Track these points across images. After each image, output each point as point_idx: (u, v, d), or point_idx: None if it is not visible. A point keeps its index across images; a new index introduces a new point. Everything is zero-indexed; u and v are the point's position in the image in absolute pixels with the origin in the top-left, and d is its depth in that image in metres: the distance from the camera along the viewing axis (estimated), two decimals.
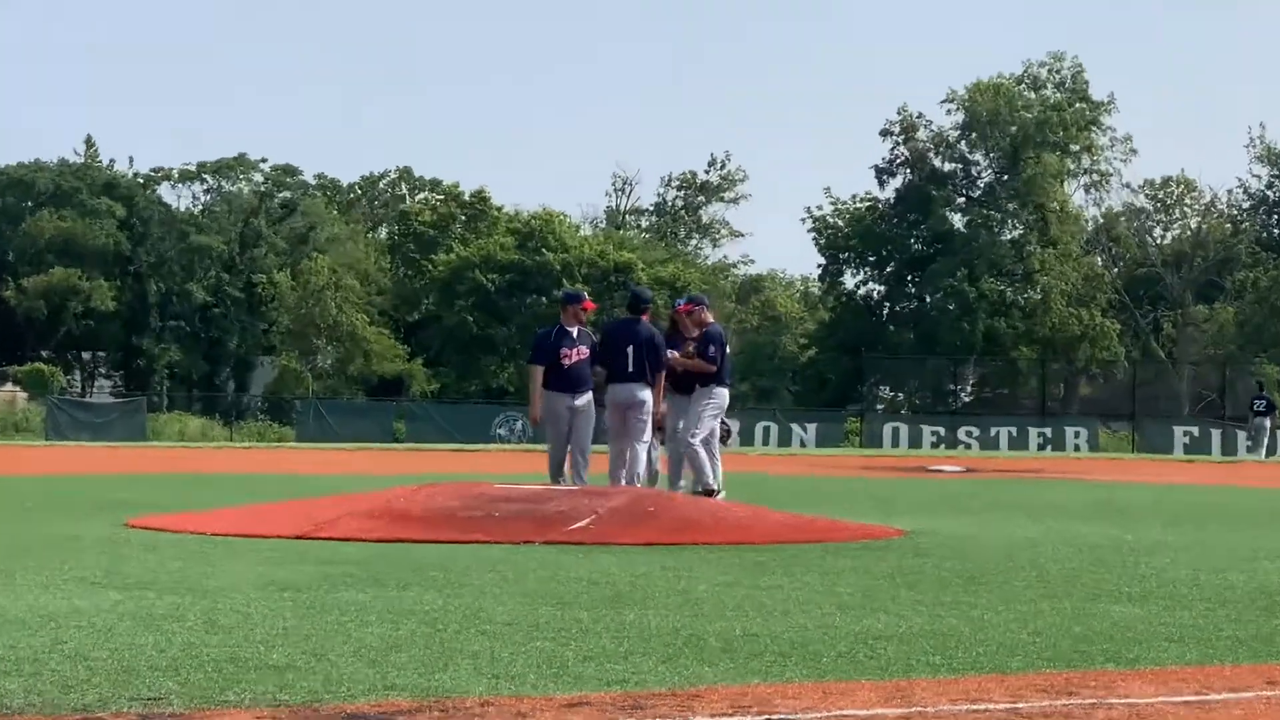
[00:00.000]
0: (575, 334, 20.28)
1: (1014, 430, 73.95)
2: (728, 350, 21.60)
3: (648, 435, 20.34)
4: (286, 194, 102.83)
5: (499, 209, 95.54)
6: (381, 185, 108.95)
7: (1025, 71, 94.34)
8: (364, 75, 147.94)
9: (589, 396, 20.22)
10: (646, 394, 19.94)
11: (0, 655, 7.61)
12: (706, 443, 20.58)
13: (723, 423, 22.63)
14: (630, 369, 19.87)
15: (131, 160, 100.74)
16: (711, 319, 21.31)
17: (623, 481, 19.81)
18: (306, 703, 6.55)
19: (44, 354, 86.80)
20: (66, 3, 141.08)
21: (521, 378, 74.12)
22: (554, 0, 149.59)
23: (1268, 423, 60.61)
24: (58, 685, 6.84)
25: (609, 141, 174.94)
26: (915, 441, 73.40)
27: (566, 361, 20.03)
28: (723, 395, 21.13)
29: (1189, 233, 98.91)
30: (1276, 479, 39.14)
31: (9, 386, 76.76)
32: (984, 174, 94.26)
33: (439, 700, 6.64)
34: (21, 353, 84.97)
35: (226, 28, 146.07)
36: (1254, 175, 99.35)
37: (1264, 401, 61.86)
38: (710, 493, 19.76)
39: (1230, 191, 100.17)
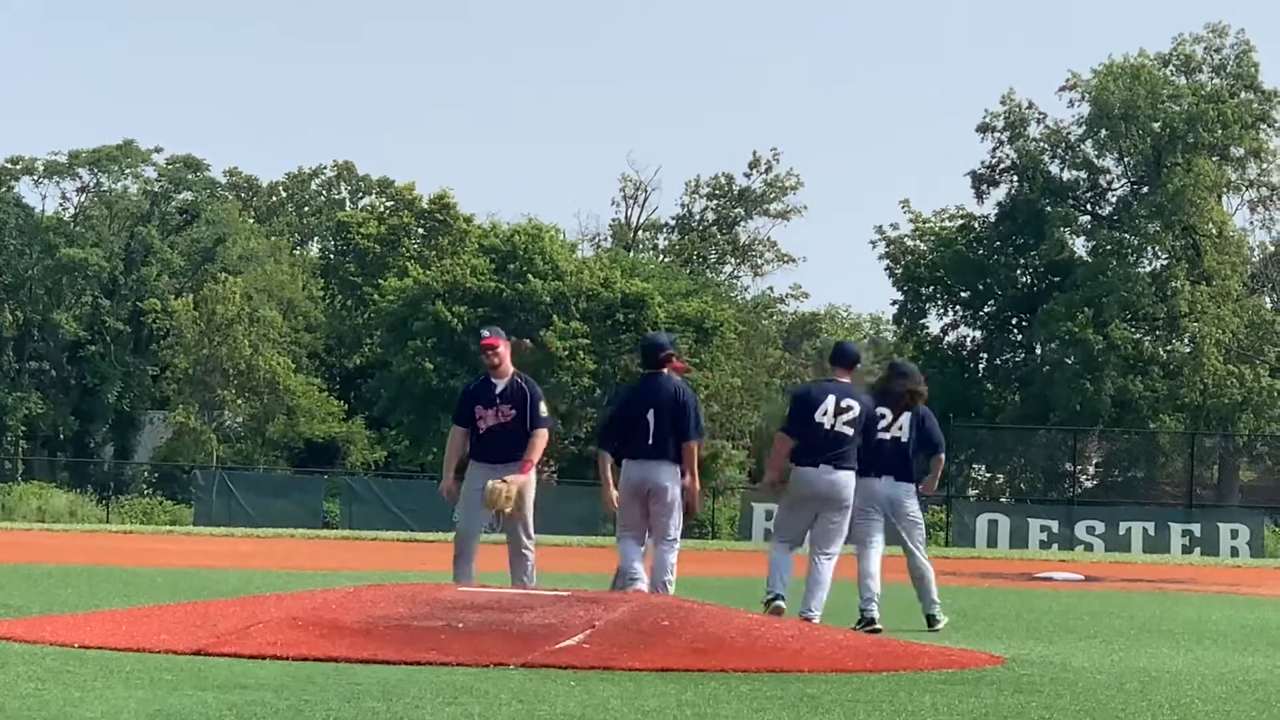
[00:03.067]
0: (501, 387, 20.44)
1: (1151, 526, 74.28)
2: None
3: (675, 531, 20.39)
4: (187, 195, 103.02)
5: (468, 220, 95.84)
6: (314, 186, 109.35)
7: (1174, 50, 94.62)
8: (292, 45, 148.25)
9: (519, 471, 20.31)
10: (671, 476, 19.98)
11: None
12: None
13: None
14: (650, 442, 19.97)
15: None
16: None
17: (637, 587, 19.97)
18: None
19: None
20: None
21: None
22: None
23: None
24: None
25: (618, 135, 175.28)
26: (1019, 539, 73.78)
27: (482, 425, 20.27)
28: None
29: None
30: None
31: None
32: (1116, 185, 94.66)
33: None
34: None
35: None
36: None
37: None
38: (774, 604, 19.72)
39: None
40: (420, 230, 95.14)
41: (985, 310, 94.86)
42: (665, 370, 20.68)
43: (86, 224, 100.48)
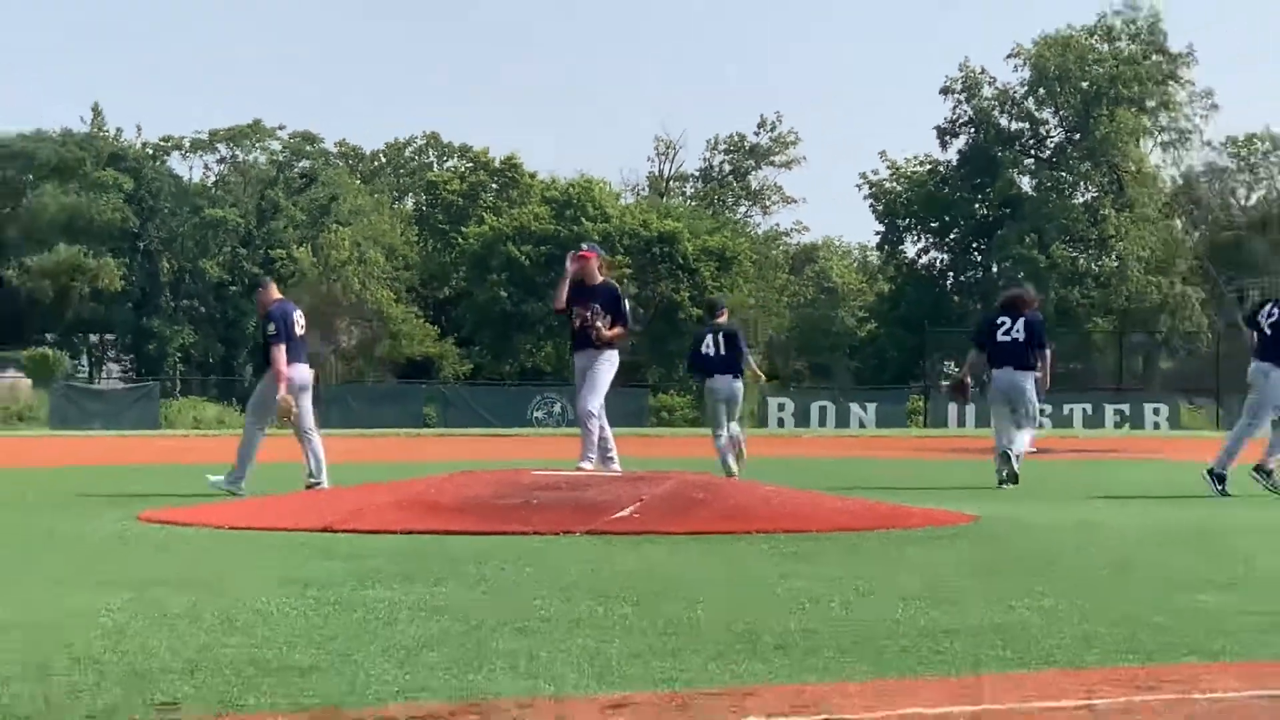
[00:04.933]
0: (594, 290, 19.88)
1: (1089, 408, 74.24)
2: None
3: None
4: (306, 163, 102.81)
5: (532, 176, 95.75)
6: (407, 153, 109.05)
7: (1099, 22, 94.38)
8: (386, 34, 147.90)
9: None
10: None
11: (3, 660, 7.62)
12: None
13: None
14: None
15: (139, 129, 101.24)
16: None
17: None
18: (331, 706, 6.55)
19: (49, 338, 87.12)
20: None
21: (560, 357, 74.33)
22: None
23: None
24: (66, 691, 6.84)
25: (652, 103, 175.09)
26: (984, 421, 73.40)
27: (577, 322, 19.70)
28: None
29: (1276, 193, 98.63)
30: None
31: (11, 373, 76.78)
32: (1054, 133, 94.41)
33: (474, 703, 6.63)
34: (25, 337, 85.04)
35: None
36: None
37: None
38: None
39: None
40: (494, 186, 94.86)
41: (950, 237, 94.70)
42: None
43: (225, 189, 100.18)
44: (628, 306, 20.06)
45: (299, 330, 21.37)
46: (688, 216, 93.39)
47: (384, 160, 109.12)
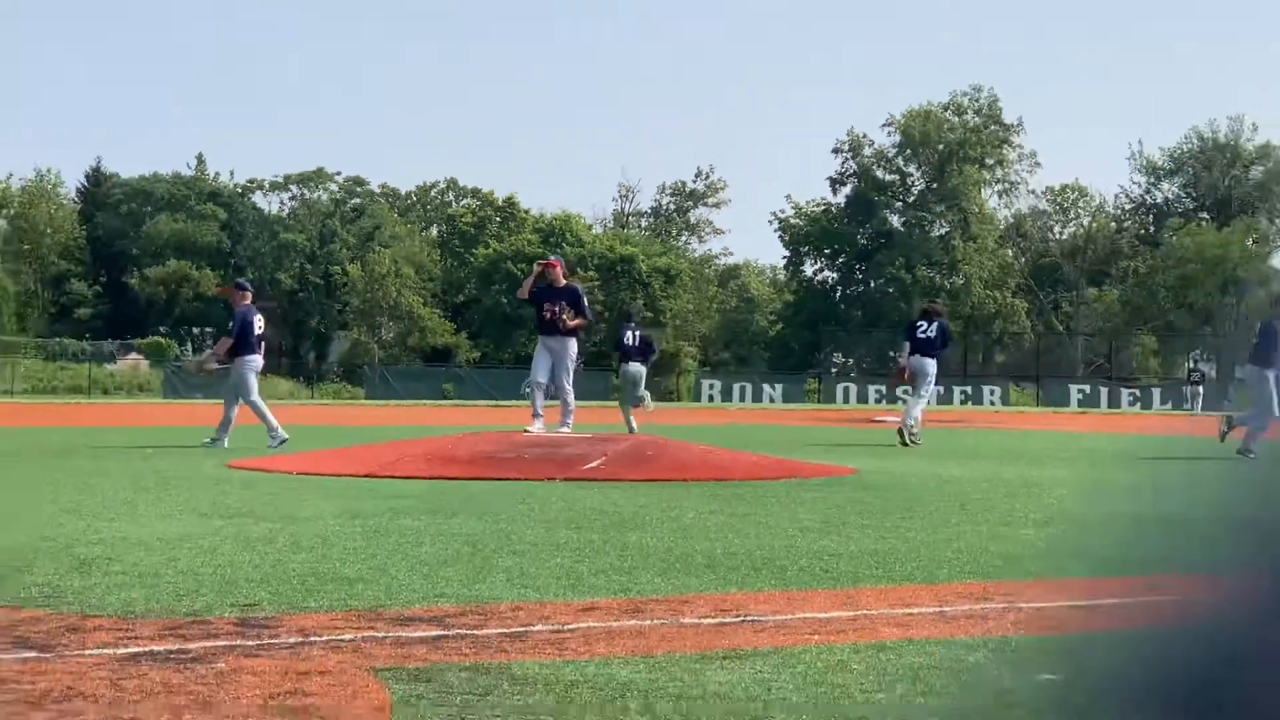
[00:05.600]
0: (559, 291, 19.60)
1: (941, 389, 74.12)
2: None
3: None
4: (356, 200, 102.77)
5: (526, 212, 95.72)
6: (433, 193, 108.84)
7: (951, 100, 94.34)
8: (420, 104, 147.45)
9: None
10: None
11: (125, 571, 7.63)
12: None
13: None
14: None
15: (232, 173, 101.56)
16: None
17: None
18: (372, 608, 6.56)
19: (162, 329, 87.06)
20: (179, 47, 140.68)
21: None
22: (573, 48, 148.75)
23: (1201, 390, 63.18)
24: (173, 595, 6.85)
25: (616, 158, 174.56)
26: (862, 398, 73.76)
27: (547, 314, 19.37)
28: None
29: (1082, 230, 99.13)
30: (1153, 428, 39.16)
31: (134, 355, 76.94)
32: (917, 183, 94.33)
33: (479, 606, 6.65)
34: (144, 329, 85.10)
35: (311, 71, 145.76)
36: (1134, 183, 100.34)
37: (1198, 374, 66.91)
38: None
39: (1115, 196, 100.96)
40: (497, 219, 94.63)
41: (839, 261, 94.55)
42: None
43: (295, 219, 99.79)
44: (586, 304, 20.15)
45: (257, 330, 21.44)
46: (642, 243, 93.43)
47: (415, 199, 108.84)
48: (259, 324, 21.61)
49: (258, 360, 21.58)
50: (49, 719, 4.52)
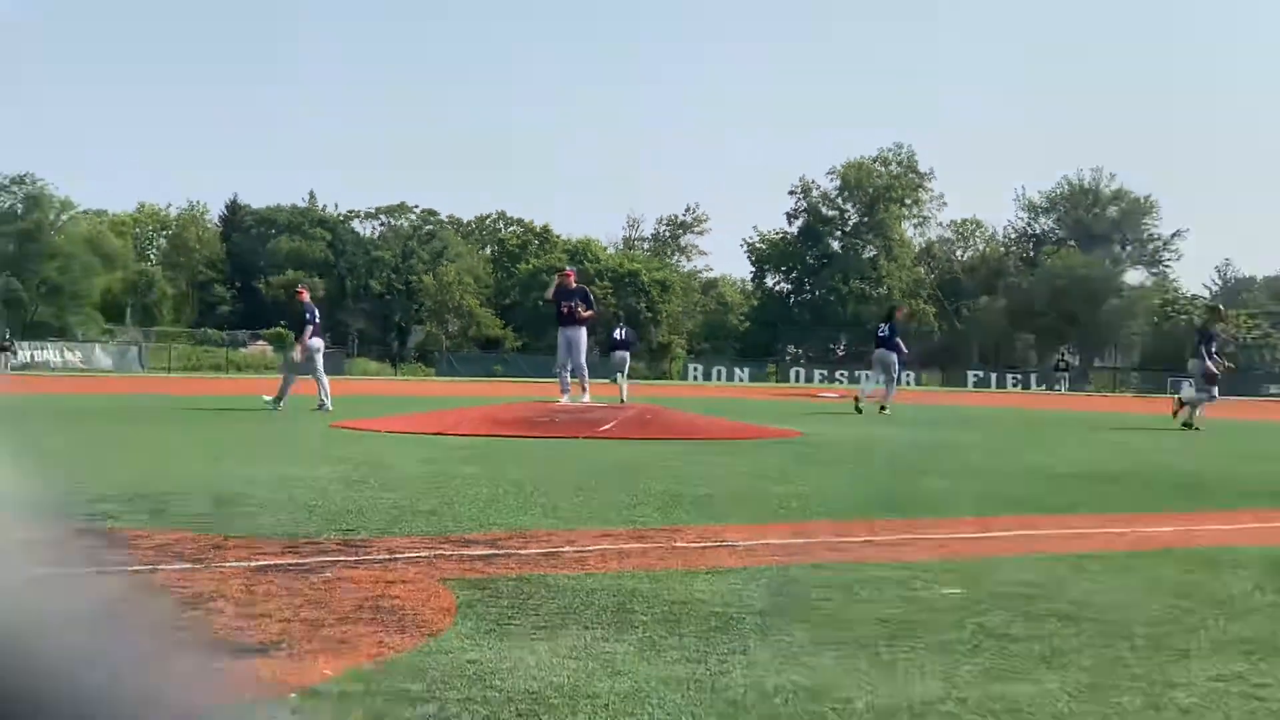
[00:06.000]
0: (572, 290, 19.93)
1: (868, 372, 74.00)
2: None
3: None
4: (430, 227, 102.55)
5: (557, 236, 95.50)
6: (487, 222, 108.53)
7: (879, 154, 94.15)
8: (478, 153, 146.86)
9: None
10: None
11: (259, 502, 7.64)
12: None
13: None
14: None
15: (336, 205, 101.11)
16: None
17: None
18: (440, 534, 6.56)
19: (282, 323, 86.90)
20: (297, 106, 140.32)
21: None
22: (596, 113, 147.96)
23: (1067, 375, 63.99)
24: (291, 522, 6.85)
25: (626, 196, 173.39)
26: (809, 379, 73.68)
27: (565, 309, 19.72)
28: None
29: (978, 253, 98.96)
30: (1029, 403, 39.16)
31: (260, 343, 77.09)
32: (852, 217, 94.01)
33: (521, 532, 6.65)
34: (269, 323, 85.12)
35: (398, 128, 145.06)
36: (1019, 217, 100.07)
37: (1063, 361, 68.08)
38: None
39: (1004, 227, 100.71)
40: (536, 241, 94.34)
41: (793, 276, 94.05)
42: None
43: (383, 240, 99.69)
44: (593, 299, 20.52)
45: (317, 319, 21.69)
46: (644, 261, 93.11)
47: (474, 226, 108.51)
48: (316, 314, 21.83)
49: (319, 341, 21.70)
50: (197, 616, 4.53)
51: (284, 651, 4.04)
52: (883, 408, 24.36)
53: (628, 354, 27.88)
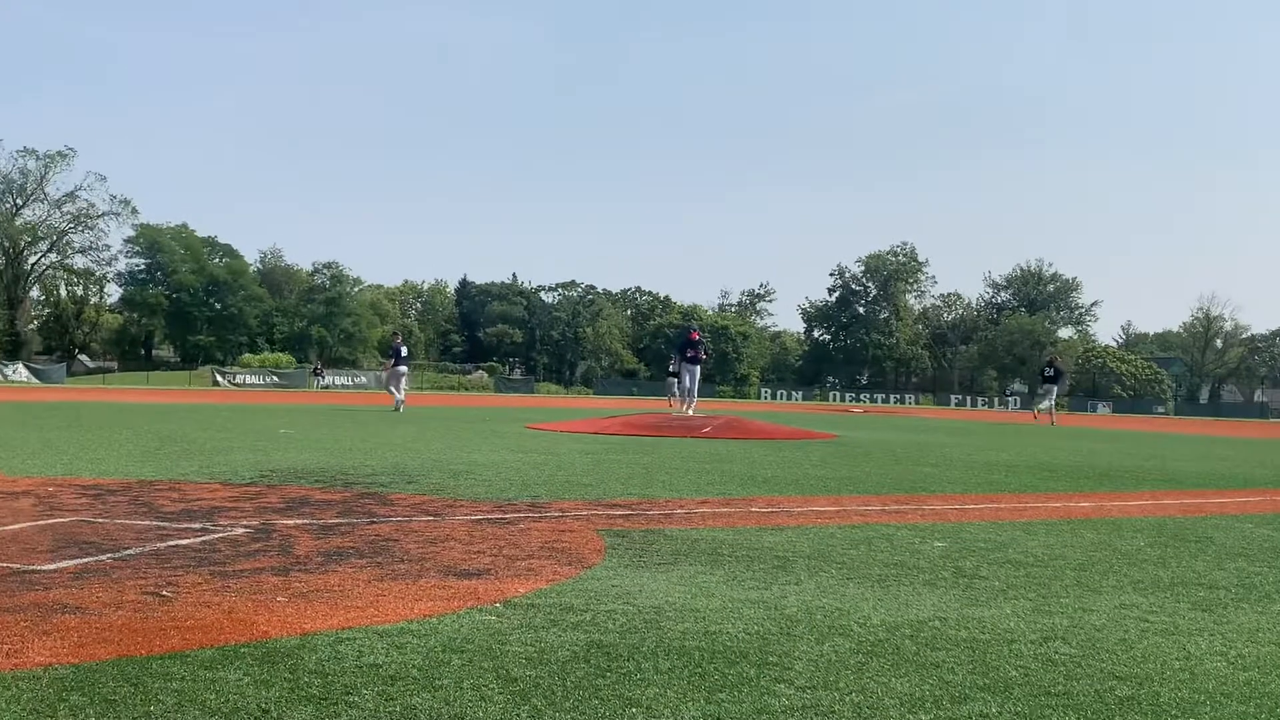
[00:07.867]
0: (697, 341, 19.98)
1: (882, 395, 72.88)
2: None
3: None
4: (591, 297, 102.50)
5: (675, 303, 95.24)
6: (628, 292, 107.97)
7: (890, 249, 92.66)
8: (623, 247, 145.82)
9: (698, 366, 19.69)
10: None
11: (475, 477, 7.71)
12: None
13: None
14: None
15: (530, 281, 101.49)
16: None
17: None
18: (595, 499, 6.58)
19: (494, 360, 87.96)
20: (514, 208, 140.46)
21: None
22: (695, 225, 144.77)
23: (1017, 399, 61.69)
24: (497, 489, 6.92)
25: (719, 277, 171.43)
26: (843, 399, 72.44)
27: (690, 354, 19.70)
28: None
29: (958, 316, 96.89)
30: (998, 418, 38.13)
31: (480, 371, 77.87)
32: (872, 291, 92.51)
33: (649, 500, 6.64)
34: (487, 360, 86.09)
35: (564, 223, 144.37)
36: (986, 290, 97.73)
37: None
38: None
39: (975, 298, 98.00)
40: (660, 305, 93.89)
41: (831, 330, 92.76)
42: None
43: (561, 305, 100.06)
44: (708, 349, 20.68)
45: (404, 352, 22.12)
46: (732, 319, 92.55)
47: (619, 294, 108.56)
48: (404, 349, 22.30)
49: (403, 368, 22.23)
50: (437, 550, 4.61)
51: (492, 576, 4.10)
52: (1052, 421, 24.70)
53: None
